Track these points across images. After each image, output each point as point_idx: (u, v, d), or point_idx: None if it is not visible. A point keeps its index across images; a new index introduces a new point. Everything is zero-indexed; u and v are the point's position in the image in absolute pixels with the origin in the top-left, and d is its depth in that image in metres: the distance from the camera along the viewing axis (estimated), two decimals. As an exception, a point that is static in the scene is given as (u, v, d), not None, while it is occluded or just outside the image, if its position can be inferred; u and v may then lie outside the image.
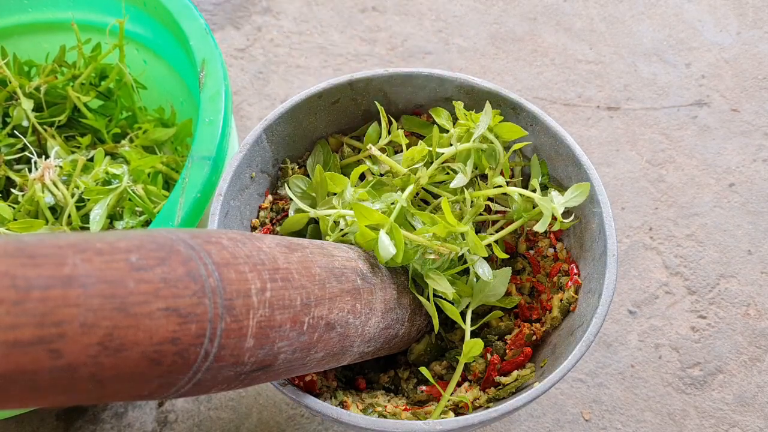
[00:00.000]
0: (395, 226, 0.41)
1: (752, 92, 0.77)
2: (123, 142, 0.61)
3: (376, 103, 0.50)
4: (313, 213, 0.46)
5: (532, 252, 0.49)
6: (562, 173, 0.47)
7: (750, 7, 0.85)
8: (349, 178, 0.46)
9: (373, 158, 0.49)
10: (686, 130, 0.75)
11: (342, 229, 0.44)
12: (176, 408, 0.58)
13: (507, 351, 0.45)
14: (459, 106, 0.46)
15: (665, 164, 0.72)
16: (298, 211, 0.47)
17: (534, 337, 0.45)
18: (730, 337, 0.61)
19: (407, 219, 0.44)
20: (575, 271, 0.45)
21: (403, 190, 0.45)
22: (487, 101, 0.46)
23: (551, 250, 0.48)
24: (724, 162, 0.72)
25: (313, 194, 0.48)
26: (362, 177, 0.50)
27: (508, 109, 0.48)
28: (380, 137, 0.50)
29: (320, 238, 0.46)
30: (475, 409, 0.42)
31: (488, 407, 0.41)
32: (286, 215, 0.49)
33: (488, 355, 0.45)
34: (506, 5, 0.87)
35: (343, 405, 0.41)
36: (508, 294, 0.48)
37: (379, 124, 0.50)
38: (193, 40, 0.54)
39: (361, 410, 0.41)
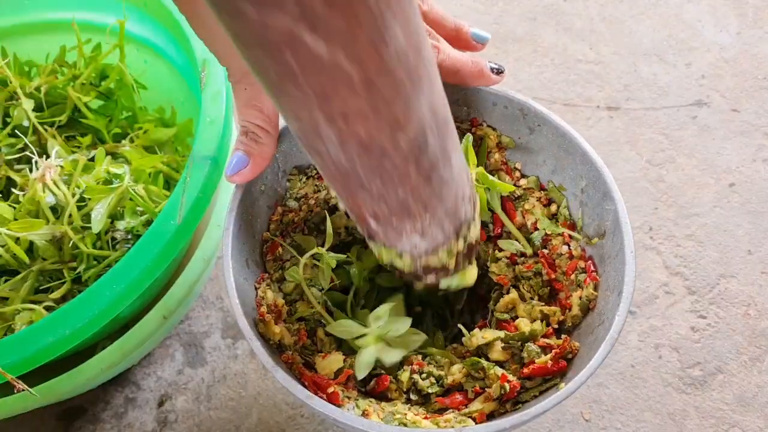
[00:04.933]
0: None
1: (752, 92, 0.77)
2: (123, 141, 0.61)
3: None
4: None
5: (546, 251, 0.48)
6: (573, 172, 0.47)
7: (750, 7, 0.85)
8: None
9: None
10: (686, 130, 0.75)
11: None
12: (176, 408, 0.58)
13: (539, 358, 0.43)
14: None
15: (665, 164, 0.72)
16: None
17: (570, 355, 0.43)
18: (730, 337, 0.61)
19: None
20: (592, 268, 0.45)
21: None
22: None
23: (565, 248, 0.47)
24: (724, 162, 0.72)
25: None
26: None
27: (515, 111, 0.48)
28: None
29: None
30: (500, 415, 0.41)
31: (516, 409, 0.40)
32: (297, 226, 0.49)
33: (506, 384, 0.42)
34: (506, 5, 0.87)
35: (364, 414, 0.40)
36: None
37: None
38: (194, 40, 0.54)
39: (382, 419, 0.40)
